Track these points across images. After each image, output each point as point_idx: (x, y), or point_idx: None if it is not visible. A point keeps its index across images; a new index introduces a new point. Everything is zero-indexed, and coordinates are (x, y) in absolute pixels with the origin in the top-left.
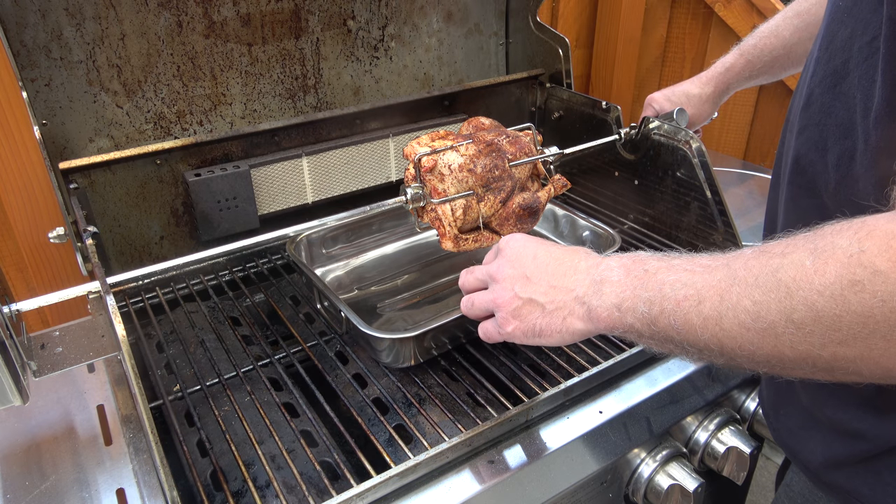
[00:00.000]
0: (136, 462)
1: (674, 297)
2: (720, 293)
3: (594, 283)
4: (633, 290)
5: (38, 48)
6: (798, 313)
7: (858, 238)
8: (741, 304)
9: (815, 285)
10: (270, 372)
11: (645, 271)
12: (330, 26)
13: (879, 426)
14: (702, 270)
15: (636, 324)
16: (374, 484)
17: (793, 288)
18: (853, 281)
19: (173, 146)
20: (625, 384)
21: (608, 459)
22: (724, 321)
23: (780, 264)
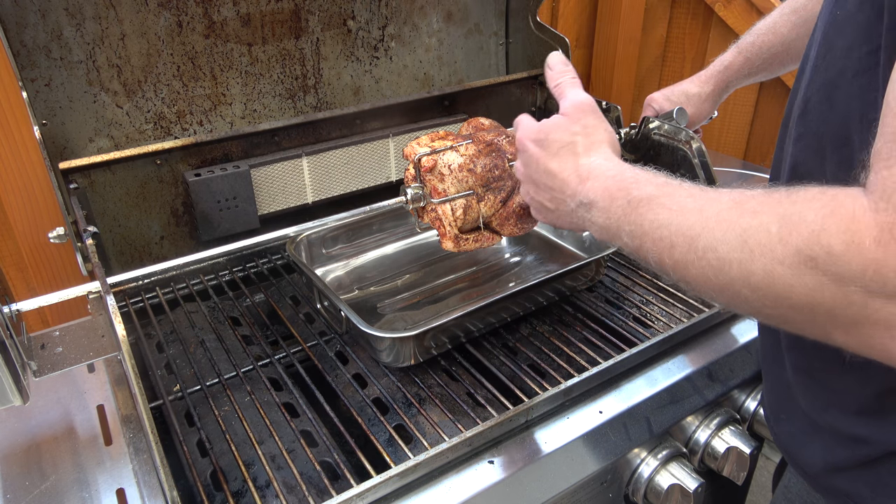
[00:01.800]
0: (136, 462)
1: (651, 236)
2: (690, 241)
3: (582, 204)
4: (617, 220)
5: (38, 48)
6: (756, 277)
7: (823, 215)
8: (706, 258)
9: (776, 254)
10: (270, 372)
11: (628, 202)
12: (330, 26)
13: (881, 431)
14: (678, 210)
15: (622, 248)
16: (374, 484)
17: (756, 252)
18: (810, 257)
19: (173, 146)
20: (625, 384)
21: (608, 459)
22: (691, 269)
23: (749, 225)
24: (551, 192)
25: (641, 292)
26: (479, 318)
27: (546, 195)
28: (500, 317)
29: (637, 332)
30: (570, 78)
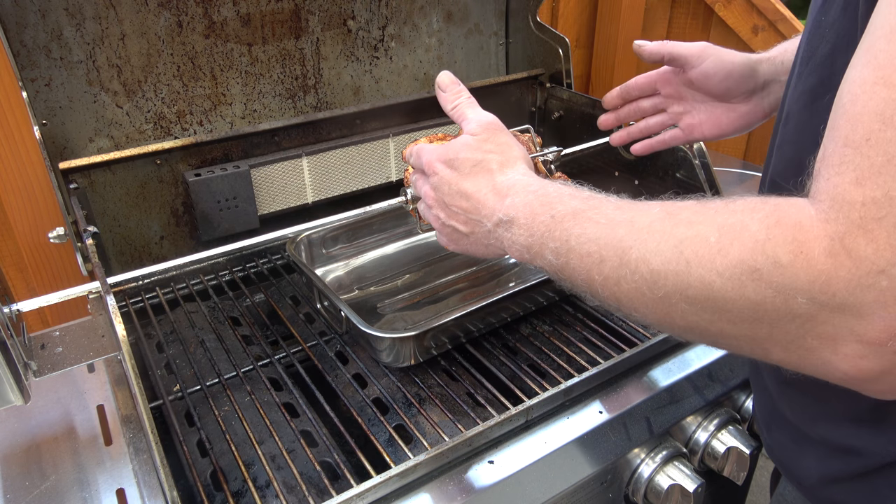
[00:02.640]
0: (136, 462)
1: (578, 252)
2: (620, 254)
3: (501, 222)
4: (541, 236)
5: (38, 48)
6: (693, 290)
7: (768, 225)
8: (639, 271)
9: (715, 265)
10: (270, 372)
11: (552, 217)
12: (330, 26)
13: (875, 442)
14: (606, 224)
15: (545, 267)
16: (374, 484)
17: (693, 263)
18: (753, 268)
19: (173, 146)
20: (625, 384)
21: (608, 459)
22: (622, 284)
23: (685, 236)
24: (466, 214)
25: None
26: (479, 318)
27: (460, 219)
28: (500, 317)
29: (637, 332)
30: (467, 98)
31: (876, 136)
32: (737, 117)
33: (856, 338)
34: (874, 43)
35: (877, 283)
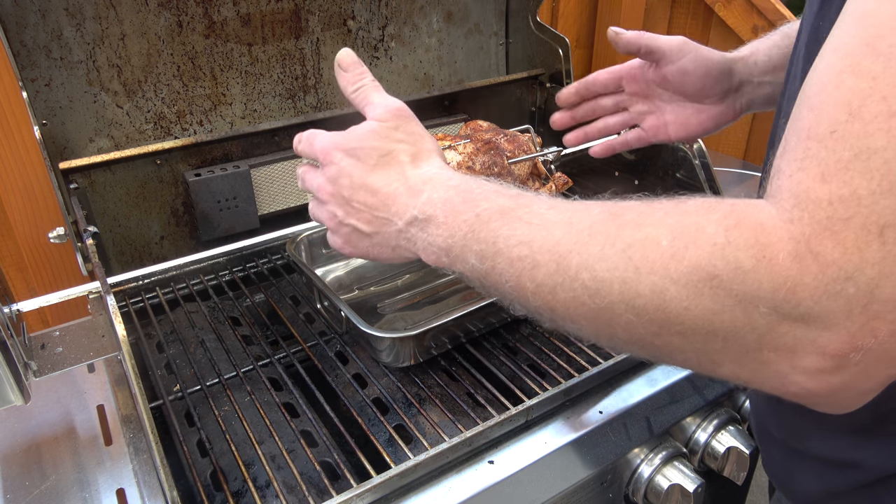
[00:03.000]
0: (136, 462)
1: (507, 255)
2: (558, 259)
3: (416, 220)
4: (463, 237)
5: (38, 48)
6: (643, 299)
7: (726, 226)
8: (580, 278)
9: (669, 271)
10: (270, 372)
11: (476, 216)
12: (330, 26)
13: (877, 454)
14: (540, 224)
15: (466, 273)
16: (374, 484)
17: (643, 269)
18: (712, 274)
19: (173, 146)
20: (625, 384)
21: (608, 459)
22: (559, 292)
23: (633, 239)
24: (371, 211)
25: None
26: (479, 318)
27: (363, 217)
28: (500, 317)
29: None
30: (371, 81)
31: (842, 128)
32: (706, 118)
33: (817, 350)
34: (844, 30)
35: (844, 291)
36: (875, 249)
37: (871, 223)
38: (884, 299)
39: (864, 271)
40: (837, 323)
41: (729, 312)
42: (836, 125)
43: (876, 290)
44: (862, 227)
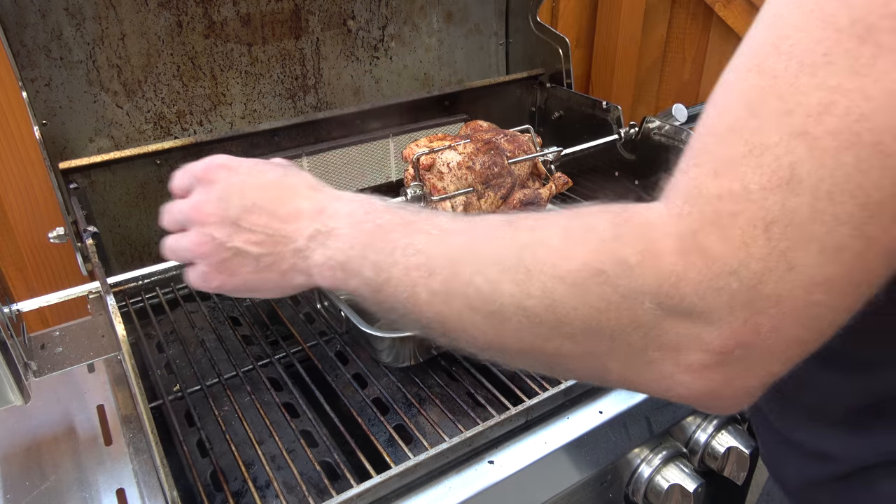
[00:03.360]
0: (136, 462)
1: (404, 265)
2: (454, 266)
3: (318, 234)
4: (362, 249)
5: (38, 48)
6: (533, 300)
7: (616, 223)
8: (474, 283)
9: (558, 270)
10: (270, 372)
11: (378, 226)
12: (330, 26)
13: (848, 447)
14: (439, 234)
15: (360, 288)
16: (374, 484)
17: (534, 270)
18: (599, 270)
19: (173, 146)
20: None
21: (608, 459)
22: (453, 300)
23: (527, 241)
24: (265, 230)
25: None
26: None
27: (252, 238)
28: None
29: None
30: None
31: (741, 124)
32: None
33: (701, 346)
34: (756, 31)
35: (727, 286)
36: (760, 245)
37: (759, 219)
38: (766, 295)
39: (748, 266)
40: (721, 318)
41: (615, 310)
42: (735, 122)
43: (759, 285)
44: (749, 223)
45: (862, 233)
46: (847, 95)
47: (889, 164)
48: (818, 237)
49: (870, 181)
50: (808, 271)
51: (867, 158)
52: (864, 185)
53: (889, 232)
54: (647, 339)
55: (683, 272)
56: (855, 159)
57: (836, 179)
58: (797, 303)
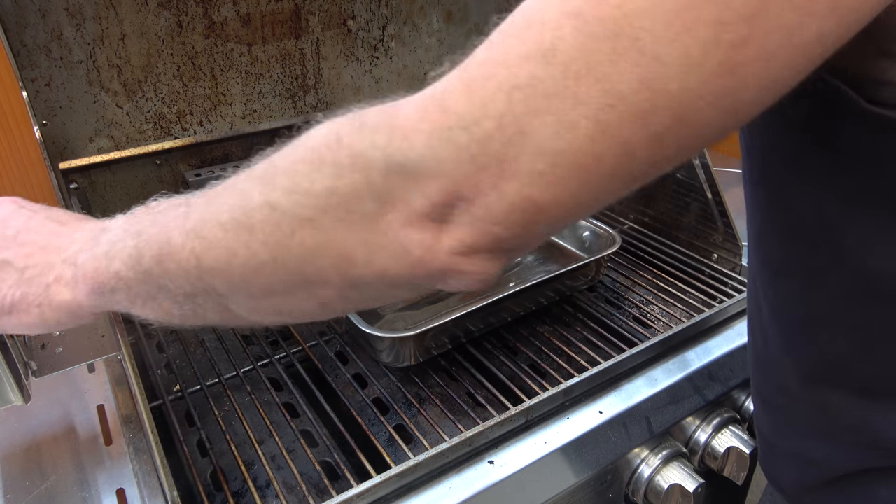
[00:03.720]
0: (137, 462)
1: (164, 220)
2: (212, 197)
3: (94, 234)
4: (128, 226)
5: (38, 48)
6: (277, 190)
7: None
8: (228, 202)
9: (299, 150)
10: (270, 372)
11: (148, 208)
12: (330, 26)
13: (831, 454)
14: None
15: (122, 269)
16: (374, 484)
17: (279, 164)
18: (336, 137)
19: (173, 146)
20: (625, 384)
21: (608, 459)
22: (206, 227)
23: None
24: (38, 243)
25: (641, 292)
26: (480, 318)
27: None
28: (500, 317)
29: (637, 332)
30: None
31: (531, 3)
32: None
33: (427, 197)
34: None
35: (456, 138)
36: (499, 106)
37: (506, 83)
38: (493, 152)
39: (480, 123)
40: (445, 170)
41: (349, 173)
42: (528, 3)
43: (488, 142)
44: (496, 86)
45: (597, 118)
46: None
47: (641, 62)
48: (555, 111)
49: (617, 72)
50: (538, 141)
51: (622, 51)
52: (612, 74)
53: (623, 127)
54: (380, 201)
55: (416, 123)
56: (611, 48)
57: (589, 62)
58: (521, 167)
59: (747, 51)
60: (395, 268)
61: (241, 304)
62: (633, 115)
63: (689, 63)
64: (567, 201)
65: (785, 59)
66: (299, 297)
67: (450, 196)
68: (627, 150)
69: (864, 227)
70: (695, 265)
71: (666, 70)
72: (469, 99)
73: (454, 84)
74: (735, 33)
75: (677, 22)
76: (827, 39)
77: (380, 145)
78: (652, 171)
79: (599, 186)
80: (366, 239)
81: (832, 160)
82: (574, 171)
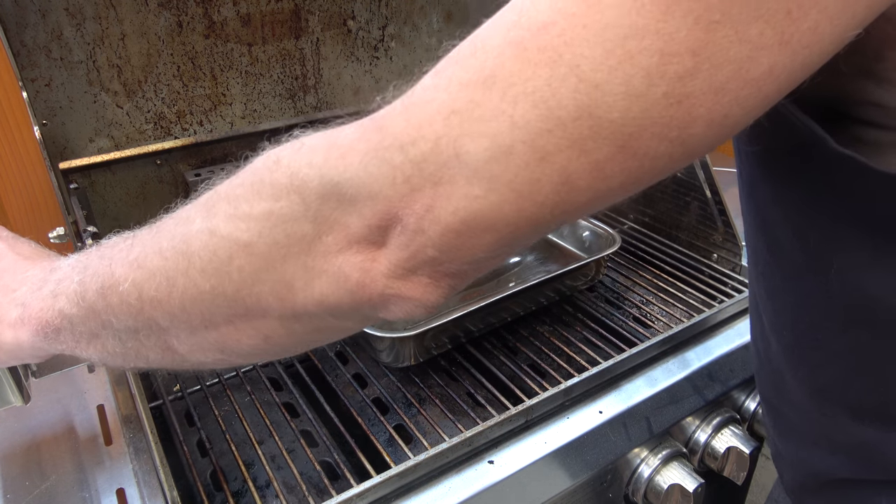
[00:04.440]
0: (136, 462)
1: (110, 254)
2: (157, 227)
3: (44, 272)
4: (76, 263)
5: (38, 48)
6: (216, 217)
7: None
8: (171, 230)
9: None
10: (270, 372)
11: (99, 244)
12: (330, 26)
13: (833, 464)
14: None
15: (66, 306)
16: (374, 484)
17: (221, 190)
18: (275, 160)
19: (173, 146)
20: (625, 384)
21: (608, 459)
22: (147, 257)
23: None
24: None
25: (641, 292)
26: (479, 318)
27: None
28: (500, 317)
29: (637, 332)
30: None
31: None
32: None
33: (362, 219)
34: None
35: (391, 158)
36: (437, 128)
37: (445, 107)
38: (428, 174)
39: (416, 145)
40: (380, 192)
41: (286, 195)
42: (478, 32)
43: (423, 164)
44: (435, 110)
45: (534, 142)
46: (568, 19)
47: (580, 88)
48: (491, 134)
49: (555, 98)
50: (473, 164)
51: (562, 77)
52: (549, 99)
53: (562, 153)
54: (316, 222)
55: (354, 143)
56: (550, 73)
57: (526, 87)
58: (455, 190)
59: (694, 83)
60: (334, 294)
61: (182, 339)
62: (571, 142)
63: (631, 92)
64: (502, 228)
65: (735, 93)
66: (241, 329)
67: (385, 218)
68: (566, 178)
69: (845, 259)
70: (695, 265)
71: (605, 98)
72: (407, 120)
73: (395, 107)
74: (680, 64)
75: (619, 50)
76: (780, 75)
77: (316, 164)
78: (596, 203)
79: (536, 215)
80: (304, 263)
81: (810, 191)
82: (509, 196)
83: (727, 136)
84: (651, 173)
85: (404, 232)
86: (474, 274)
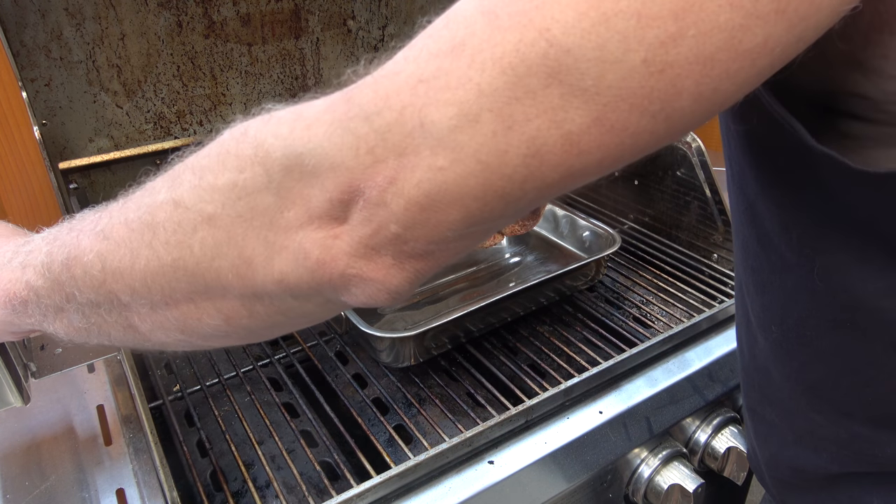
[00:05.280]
0: (136, 462)
1: (80, 226)
2: (126, 199)
3: (17, 246)
4: (47, 235)
5: (38, 48)
6: (182, 187)
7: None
8: (138, 202)
9: (208, 148)
10: (270, 372)
11: (72, 217)
12: (330, 26)
13: (819, 463)
14: (129, 194)
15: (33, 278)
16: (374, 484)
17: (189, 161)
18: (241, 132)
19: (173, 146)
20: (625, 384)
21: (608, 459)
22: (113, 228)
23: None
24: None
25: (641, 292)
26: (479, 318)
27: None
28: (500, 317)
29: (637, 332)
30: None
31: (455, 5)
32: None
33: (325, 193)
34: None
35: (356, 128)
36: (403, 98)
37: (413, 77)
38: (392, 144)
39: (382, 114)
40: (344, 162)
41: (249, 167)
42: (453, 7)
43: (387, 133)
44: (404, 80)
45: (501, 112)
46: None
47: (550, 53)
48: (457, 101)
49: (524, 64)
50: (438, 133)
51: (531, 42)
52: (518, 66)
53: (530, 123)
54: (279, 195)
55: (320, 114)
56: (518, 38)
57: (494, 52)
58: (420, 161)
59: (678, 50)
60: (294, 272)
61: (143, 316)
62: (540, 111)
63: (606, 58)
64: (469, 203)
65: (726, 65)
66: (202, 308)
67: (347, 191)
68: (535, 150)
69: (829, 259)
70: (695, 265)
71: (578, 63)
72: (374, 91)
73: (366, 80)
74: (661, 29)
75: (592, 12)
76: (775, 48)
77: (281, 135)
78: (570, 180)
79: (504, 189)
80: (265, 238)
81: (794, 187)
82: (475, 168)
83: (714, 113)
84: (632, 150)
85: (367, 206)
86: (443, 258)
